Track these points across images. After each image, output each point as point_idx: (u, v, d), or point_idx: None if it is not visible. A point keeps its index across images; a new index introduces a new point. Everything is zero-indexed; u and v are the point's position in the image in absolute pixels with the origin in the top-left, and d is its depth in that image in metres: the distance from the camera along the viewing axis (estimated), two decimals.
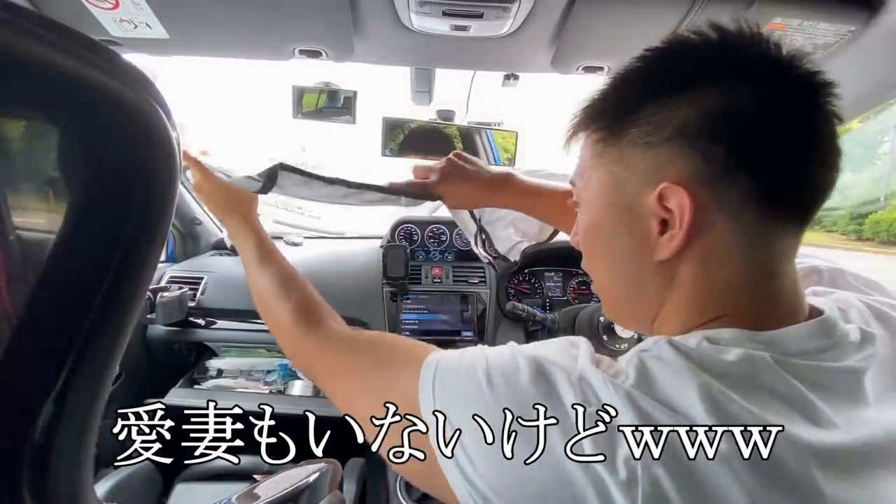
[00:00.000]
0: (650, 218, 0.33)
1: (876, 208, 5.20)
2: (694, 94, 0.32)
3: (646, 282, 0.36)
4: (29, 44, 0.18)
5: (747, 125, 0.31)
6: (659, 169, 0.33)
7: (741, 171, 0.31)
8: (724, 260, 0.32)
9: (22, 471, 0.22)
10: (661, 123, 0.32)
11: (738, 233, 0.32)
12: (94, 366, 0.24)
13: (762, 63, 0.32)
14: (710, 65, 0.33)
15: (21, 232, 0.24)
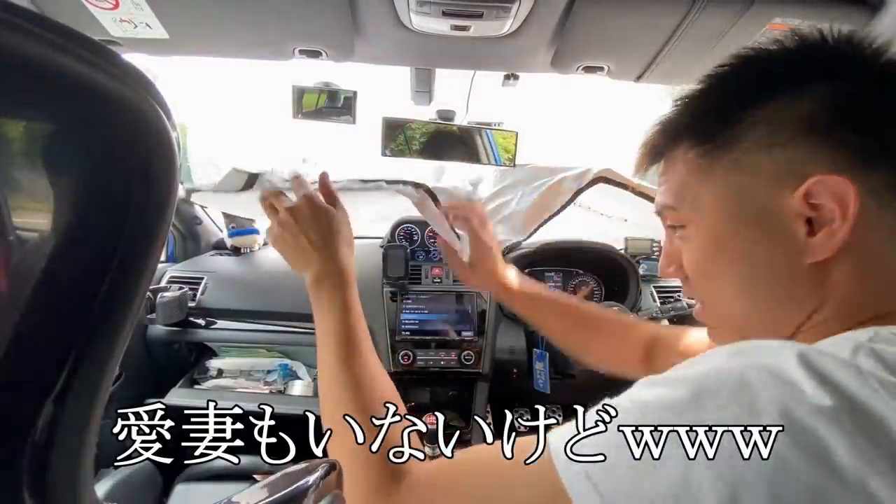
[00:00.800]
0: (794, 219, 0.31)
1: None
2: (809, 89, 0.31)
3: (794, 290, 0.32)
4: (29, 44, 0.18)
5: (875, 111, 0.30)
6: (794, 166, 0.31)
7: (883, 156, 0.29)
8: (881, 252, 0.30)
9: (22, 471, 0.22)
10: (782, 121, 0.31)
11: (891, 220, 0.30)
12: (94, 366, 0.24)
13: (861, 56, 0.32)
14: (814, 59, 0.33)
15: (21, 232, 0.24)
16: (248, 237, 1.49)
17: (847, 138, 0.30)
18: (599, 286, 1.43)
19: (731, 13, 0.65)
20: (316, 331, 0.53)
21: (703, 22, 0.66)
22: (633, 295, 1.31)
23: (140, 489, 1.07)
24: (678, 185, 0.38)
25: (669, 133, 0.37)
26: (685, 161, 0.36)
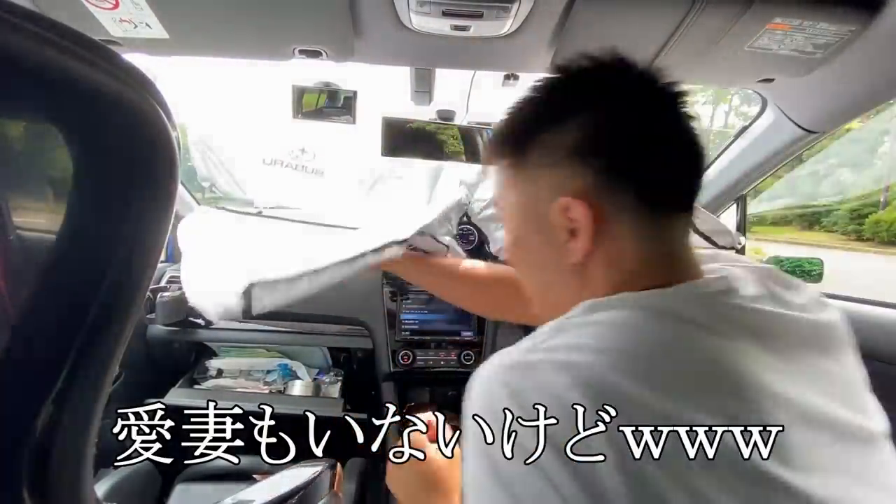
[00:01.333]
0: (559, 228, 0.38)
1: (876, 208, 5.20)
2: (576, 117, 0.37)
3: (565, 284, 0.41)
4: (29, 44, 0.18)
5: (623, 141, 0.36)
6: (560, 185, 0.38)
7: (626, 181, 0.36)
8: (624, 254, 0.37)
9: (22, 471, 0.22)
10: (555, 146, 0.38)
11: (633, 230, 0.37)
12: (94, 366, 0.24)
13: (627, 85, 0.38)
14: (586, 91, 0.39)
15: (21, 232, 0.24)
16: None
17: (597, 164, 0.36)
18: None
19: (731, 13, 0.65)
20: None
21: (703, 22, 0.66)
22: None
23: (140, 489, 1.07)
24: (497, 189, 0.46)
25: (496, 142, 0.44)
26: (500, 170, 0.44)
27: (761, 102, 1.07)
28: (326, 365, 1.42)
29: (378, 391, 1.29)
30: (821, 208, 5.67)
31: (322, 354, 1.41)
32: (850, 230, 5.30)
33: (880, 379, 0.37)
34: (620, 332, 0.31)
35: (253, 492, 0.57)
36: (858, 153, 5.39)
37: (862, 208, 5.35)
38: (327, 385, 1.32)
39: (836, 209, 5.63)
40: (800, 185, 5.64)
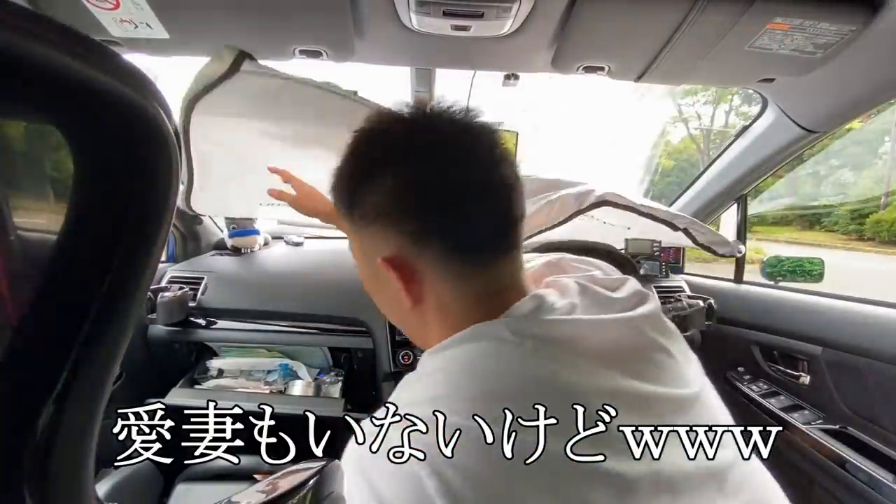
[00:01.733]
0: (390, 279, 0.39)
1: (876, 208, 5.20)
2: (380, 179, 0.38)
3: (409, 321, 0.44)
4: (29, 44, 0.18)
5: (427, 199, 0.37)
6: (376, 245, 0.40)
7: (433, 238, 0.37)
8: (448, 297, 0.40)
9: (22, 471, 0.22)
10: (368, 208, 0.39)
11: (450, 277, 0.39)
12: (94, 366, 0.24)
13: (425, 142, 0.38)
14: (386, 152, 0.39)
15: (21, 232, 0.24)
16: (249, 237, 1.49)
17: (401, 226, 0.38)
18: None
19: (732, 13, 0.65)
20: None
21: (704, 21, 0.66)
22: None
23: (140, 489, 1.07)
24: (346, 231, 0.48)
25: (330, 193, 0.44)
26: (343, 219, 0.44)
27: (761, 102, 1.06)
28: (327, 365, 1.42)
29: (378, 391, 1.29)
30: (821, 210, 5.66)
31: (322, 354, 1.41)
32: (851, 230, 5.30)
33: (880, 379, 0.37)
34: (450, 374, 0.35)
35: (253, 492, 0.57)
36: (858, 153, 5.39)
37: (862, 208, 5.35)
38: (328, 385, 1.32)
39: (837, 209, 5.63)
40: (800, 186, 5.64)
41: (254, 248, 1.51)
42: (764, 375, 1.21)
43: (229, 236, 1.49)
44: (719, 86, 1.69)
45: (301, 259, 1.49)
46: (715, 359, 1.31)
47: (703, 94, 6.07)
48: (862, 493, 0.87)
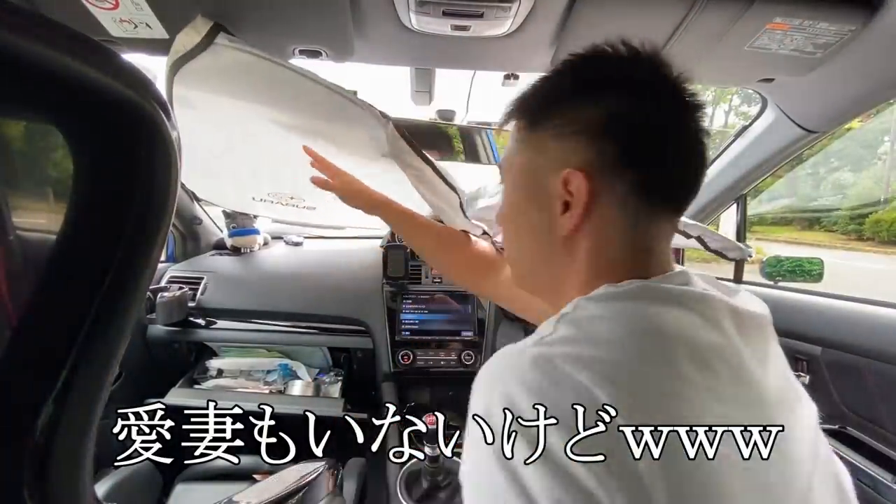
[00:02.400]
0: (556, 199, 0.39)
1: (876, 208, 5.20)
2: (599, 98, 0.38)
3: (550, 255, 0.42)
4: (29, 44, 0.18)
5: (636, 130, 0.37)
6: (566, 157, 0.38)
7: (629, 168, 0.37)
8: (611, 238, 0.38)
9: (22, 471, 0.22)
10: (572, 119, 0.39)
11: (624, 217, 0.38)
12: (94, 366, 0.24)
13: (655, 80, 0.38)
14: (614, 75, 0.39)
15: (21, 232, 0.24)
16: (248, 237, 1.49)
17: (605, 146, 0.37)
18: None
19: (731, 13, 0.65)
20: None
21: (703, 21, 0.66)
22: None
23: (140, 489, 1.07)
24: (506, 151, 0.47)
25: (516, 105, 0.44)
26: (514, 132, 0.45)
27: (761, 102, 1.07)
28: (326, 365, 1.42)
29: (378, 391, 1.29)
30: (821, 211, 5.66)
31: (322, 354, 1.41)
32: (851, 230, 5.30)
33: (880, 379, 0.37)
34: (627, 322, 0.33)
35: (253, 492, 0.57)
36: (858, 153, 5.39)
37: (862, 208, 5.35)
38: (327, 385, 1.32)
39: (837, 209, 5.63)
40: (800, 186, 5.64)
41: (253, 247, 1.51)
42: None
43: (229, 236, 1.49)
44: (719, 86, 1.69)
45: (301, 259, 1.49)
46: None
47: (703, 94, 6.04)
48: (861, 494, 0.87)
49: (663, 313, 0.33)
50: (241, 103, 0.82)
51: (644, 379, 0.30)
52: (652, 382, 0.30)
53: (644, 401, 0.29)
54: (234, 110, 0.84)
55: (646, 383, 0.30)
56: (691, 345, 0.32)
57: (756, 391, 0.34)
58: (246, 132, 0.90)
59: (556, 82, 0.42)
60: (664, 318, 0.33)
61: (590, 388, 0.29)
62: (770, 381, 0.36)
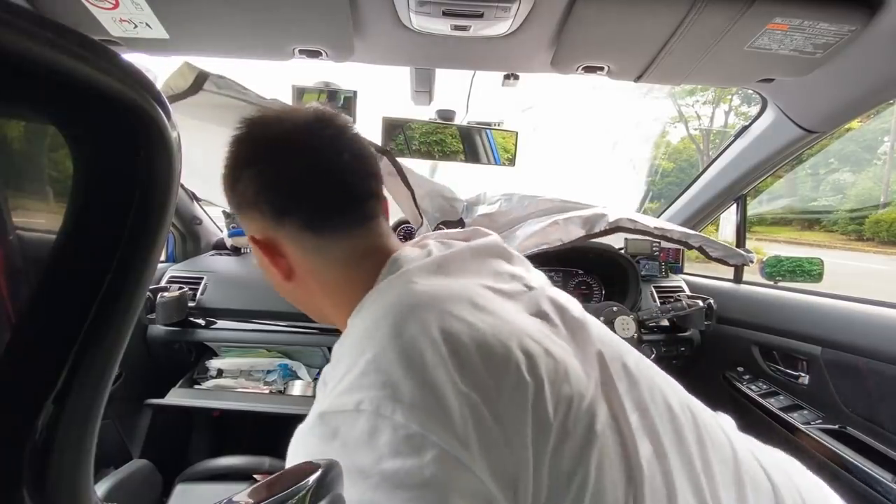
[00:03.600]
0: (262, 256, 0.47)
1: (876, 208, 5.20)
2: (245, 172, 0.45)
3: (294, 295, 0.50)
4: (28, 44, 0.18)
5: (279, 187, 0.44)
6: (250, 226, 0.47)
7: (287, 214, 0.44)
8: (315, 272, 0.46)
9: (22, 471, 0.22)
10: (241, 193, 0.46)
11: (308, 252, 0.45)
12: (94, 366, 0.24)
13: (284, 137, 0.45)
14: (250, 147, 0.46)
15: (21, 232, 0.24)
16: None
17: (264, 206, 0.44)
18: (599, 286, 1.43)
19: (731, 13, 0.65)
20: None
21: (703, 22, 0.66)
22: (633, 295, 1.31)
23: (140, 489, 1.07)
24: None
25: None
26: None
27: (761, 102, 1.07)
28: (326, 365, 1.42)
29: None
30: (821, 212, 5.66)
31: (322, 354, 1.41)
32: (851, 230, 5.30)
33: (880, 379, 0.37)
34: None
35: (253, 492, 0.57)
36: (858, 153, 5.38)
37: (862, 208, 5.35)
38: None
39: (836, 209, 5.63)
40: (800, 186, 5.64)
41: None
42: (763, 375, 1.21)
43: (229, 236, 1.49)
44: (719, 86, 1.69)
45: None
46: (715, 359, 1.31)
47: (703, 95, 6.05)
48: (861, 493, 0.87)
49: (390, 289, 0.42)
50: (230, 131, 0.85)
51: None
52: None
53: None
54: (224, 140, 0.86)
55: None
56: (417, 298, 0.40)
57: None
58: None
59: (225, 169, 0.48)
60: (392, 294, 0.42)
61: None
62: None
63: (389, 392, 0.32)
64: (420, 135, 0.99)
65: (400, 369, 0.33)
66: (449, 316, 0.37)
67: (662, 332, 1.29)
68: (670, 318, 1.21)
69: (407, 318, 0.36)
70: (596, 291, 1.43)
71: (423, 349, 0.34)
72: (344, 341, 0.41)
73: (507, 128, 1.02)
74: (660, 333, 1.29)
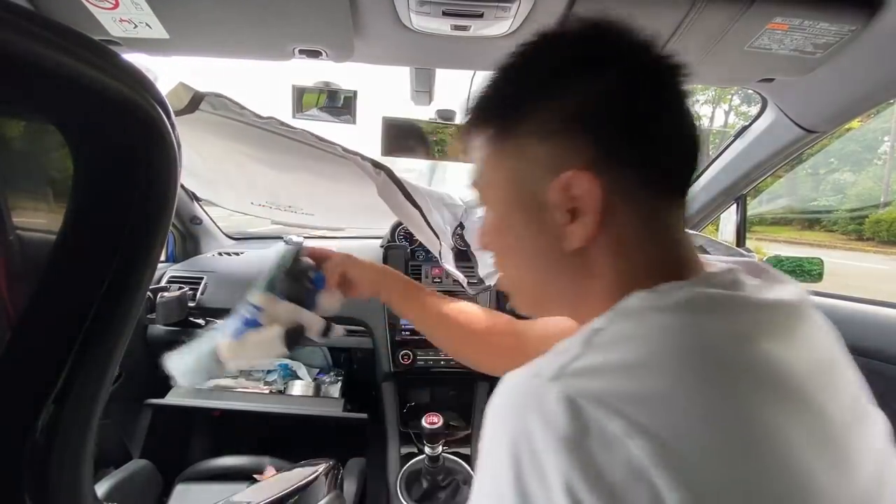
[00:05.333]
0: (557, 208, 0.33)
1: (876, 208, 5.20)
2: (583, 80, 0.33)
3: (559, 274, 0.35)
4: (29, 44, 0.18)
5: (636, 109, 0.32)
6: (557, 158, 0.33)
7: (632, 155, 0.32)
8: (631, 239, 0.33)
9: (22, 470, 0.22)
10: (555, 113, 0.33)
11: (639, 211, 0.33)
12: (94, 366, 0.24)
13: (632, 51, 0.34)
14: (589, 55, 0.34)
15: (21, 232, 0.24)
16: None
17: (603, 135, 0.32)
18: None
19: (731, 13, 0.65)
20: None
21: (704, 21, 0.66)
22: None
23: (140, 489, 1.07)
24: (477, 164, 0.39)
25: (476, 111, 0.39)
26: (483, 141, 0.38)
27: (761, 102, 1.07)
28: (326, 365, 1.42)
29: (378, 391, 1.29)
30: (821, 212, 5.66)
31: (322, 354, 1.41)
32: (851, 230, 5.31)
33: (880, 379, 0.37)
34: (674, 345, 0.27)
35: (253, 492, 0.57)
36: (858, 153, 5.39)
37: (862, 208, 5.36)
38: (327, 385, 1.32)
39: (836, 209, 5.63)
40: (800, 186, 5.64)
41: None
42: None
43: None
44: (719, 86, 1.69)
45: None
46: None
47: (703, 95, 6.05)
48: None
49: (719, 329, 0.28)
50: (229, 144, 0.85)
51: (715, 456, 0.23)
52: (725, 460, 0.23)
53: (717, 485, 0.23)
54: (222, 150, 0.87)
55: (719, 462, 0.23)
56: (765, 372, 0.27)
57: (825, 421, 0.28)
58: (236, 162, 0.92)
59: (529, 72, 0.36)
60: (721, 336, 0.27)
61: (642, 464, 0.22)
62: (841, 399, 0.31)
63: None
64: (420, 134, 0.99)
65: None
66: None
67: None
68: None
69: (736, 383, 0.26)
70: None
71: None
72: (596, 341, 0.28)
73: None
74: None
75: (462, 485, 0.97)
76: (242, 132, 0.76)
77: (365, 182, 0.87)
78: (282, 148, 0.81)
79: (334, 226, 1.64)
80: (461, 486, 0.97)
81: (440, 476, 0.98)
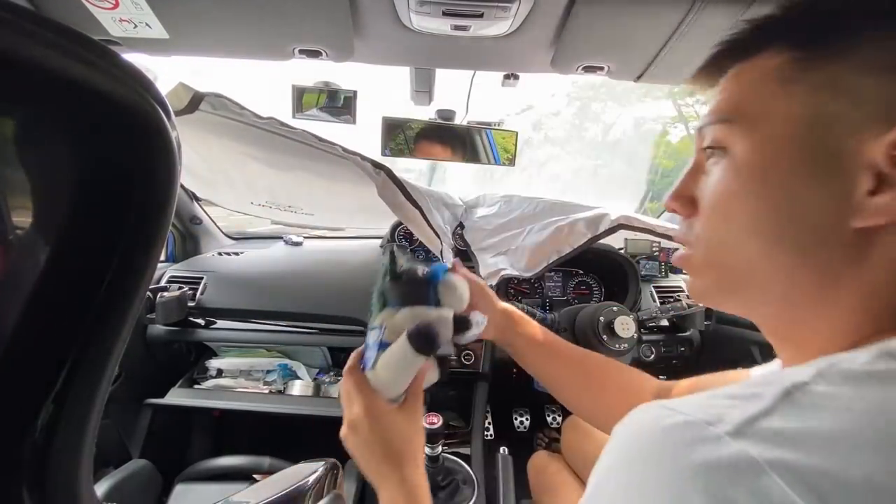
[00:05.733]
0: (863, 169, 0.24)
1: None
2: None
3: (821, 254, 0.26)
4: (28, 44, 0.18)
5: None
6: (889, 105, 0.24)
7: None
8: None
9: (22, 470, 0.22)
10: (874, 47, 0.24)
11: None
12: (93, 366, 0.24)
13: None
14: None
15: (21, 232, 0.24)
16: None
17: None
18: (599, 286, 1.43)
19: (731, 13, 0.65)
20: None
21: (704, 21, 0.66)
22: (633, 295, 1.31)
23: (140, 489, 1.07)
24: (746, 95, 0.30)
25: (762, 30, 0.30)
26: (766, 68, 0.29)
27: None
28: (326, 365, 1.42)
29: None
30: None
31: (322, 354, 1.41)
32: None
33: None
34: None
35: (253, 492, 0.57)
36: None
37: None
38: (327, 385, 1.32)
39: None
40: None
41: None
42: None
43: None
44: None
45: (301, 259, 1.49)
46: (715, 359, 1.31)
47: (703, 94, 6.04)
48: None
49: None
50: (229, 143, 0.85)
51: None
52: None
53: None
54: (222, 150, 0.87)
55: None
56: None
57: None
58: (236, 162, 0.93)
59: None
60: None
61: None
62: None
63: None
64: (422, 134, 0.99)
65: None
66: None
67: (662, 333, 1.30)
68: (670, 318, 1.21)
69: None
70: (596, 291, 1.43)
71: None
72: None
73: (507, 128, 1.02)
74: (660, 334, 1.29)
75: (461, 485, 0.97)
76: (242, 132, 0.77)
77: (365, 182, 0.87)
78: (281, 148, 0.81)
79: (334, 226, 1.64)
80: (460, 486, 0.97)
81: (439, 476, 0.98)
